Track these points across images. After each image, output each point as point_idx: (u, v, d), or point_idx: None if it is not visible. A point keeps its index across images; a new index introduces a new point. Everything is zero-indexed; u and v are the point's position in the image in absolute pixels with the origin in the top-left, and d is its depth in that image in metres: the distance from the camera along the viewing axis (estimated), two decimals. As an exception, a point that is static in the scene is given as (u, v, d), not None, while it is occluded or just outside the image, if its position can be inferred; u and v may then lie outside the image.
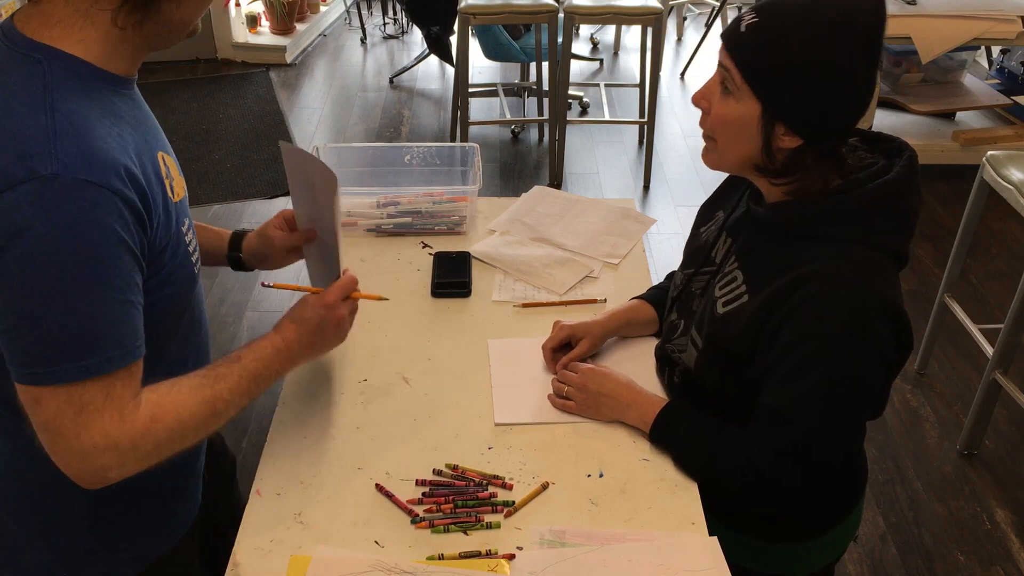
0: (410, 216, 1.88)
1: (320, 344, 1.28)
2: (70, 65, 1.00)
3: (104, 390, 1.00)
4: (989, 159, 2.53)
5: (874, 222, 1.18)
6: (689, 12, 6.46)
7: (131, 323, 1.02)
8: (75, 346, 0.97)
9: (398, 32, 6.00)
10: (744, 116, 1.17)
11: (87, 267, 0.95)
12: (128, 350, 1.01)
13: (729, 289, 1.28)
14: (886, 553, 2.33)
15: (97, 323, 0.98)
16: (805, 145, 1.17)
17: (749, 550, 1.41)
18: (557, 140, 4.10)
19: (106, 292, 0.97)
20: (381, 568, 1.15)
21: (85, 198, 0.94)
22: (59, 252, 0.94)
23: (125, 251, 0.99)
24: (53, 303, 0.95)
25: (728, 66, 1.17)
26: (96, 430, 1.00)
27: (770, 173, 1.22)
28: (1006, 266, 3.52)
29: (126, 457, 1.03)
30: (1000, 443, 2.70)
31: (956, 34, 3.57)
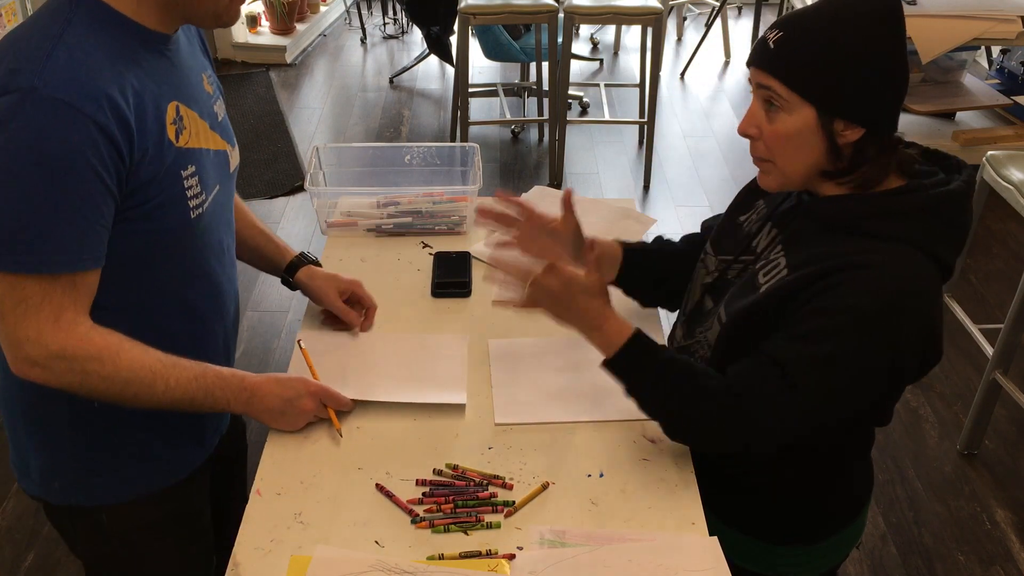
0: (410, 216, 1.88)
1: (278, 414, 1.33)
2: (97, 11, 1.11)
3: (43, 291, 1.09)
4: (989, 159, 2.53)
5: (929, 227, 1.19)
6: (689, 12, 6.46)
7: (82, 237, 1.09)
8: (16, 241, 1.06)
9: (398, 32, 6.01)
10: (802, 126, 1.18)
11: (42, 176, 1.04)
12: (71, 260, 1.09)
13: (772, 275, 1.27)
14: (886, 553, 2.33)
15: (41, 227, 1.06)
16: (868, 133, 1.18)
17: (752, 552, 1.41)
18: (557, 140, 4.10)
19: (57, 202, 1.06)
20: (381, 568, 1.15)
21: (57, 115, 1.03)
22: (17, 159, 1.03)
23: (89, 171, 1.07)
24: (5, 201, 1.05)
25: (769, 84, 1.18)
26: (31, 325, 1.10)
27: (838, 173, 1.22)
28: (1006, 266, 3.52)
29: (51, 362, 1.12)
30: (1000, 443, 2.70)
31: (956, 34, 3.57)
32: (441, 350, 1.54)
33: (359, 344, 1.56)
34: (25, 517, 2.40)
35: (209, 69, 1.37)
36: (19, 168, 1.04)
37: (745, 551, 1.39)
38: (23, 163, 1.04)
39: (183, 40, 1.27)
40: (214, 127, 1.30)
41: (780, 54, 1.17)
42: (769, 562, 1.42)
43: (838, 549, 1.46)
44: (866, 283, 1.15)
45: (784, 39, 1.17)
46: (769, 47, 1.18)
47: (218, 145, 1.31)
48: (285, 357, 2.92)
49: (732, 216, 1.44)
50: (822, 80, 1.16)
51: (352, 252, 1.80)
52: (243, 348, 2.99)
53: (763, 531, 1.40)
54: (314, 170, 1.93)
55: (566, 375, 1.50)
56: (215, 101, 1.34)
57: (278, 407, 1.32)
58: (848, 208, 1.22)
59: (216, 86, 1.37)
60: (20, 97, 1.02)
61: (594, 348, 1.39)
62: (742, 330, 1.26)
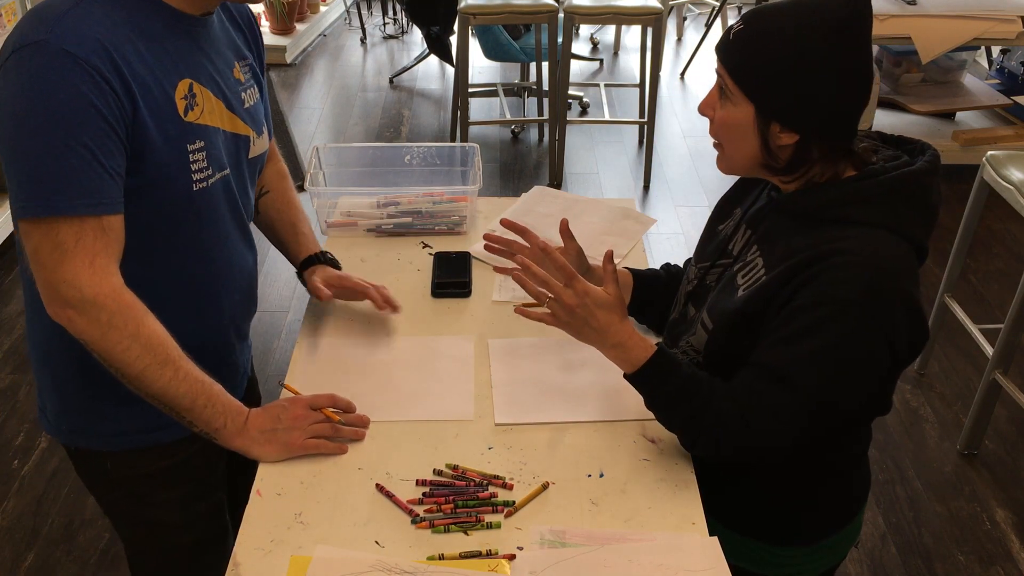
0: (410, 216, 1.88)
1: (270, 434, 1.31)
2: None
3: (75, 234, 1.15)
4: (989, 159, 2.53)
5: (894, 208, 1.20)
6: (689, 12, 6.47)
7: (100, 180, 1.15)
8: (42, 187, 1.13)
9: (398, 32, 6.01)
10: (741, 119, 1.21)
11: (56, 122, 1.12)
12: (95, 203, 1.15)
13: (751, 276, 1.28)
14: (886, 553, 2.33)
15: (63, 171, 1.13)
16: (803, 140, 1.19)
17: (751, 553, 1.41)
18: (557, 140, 4.11)
19: (71, 144, 1.12)
20: (381, 568, 1.15)
21: (64, 64, 1.11)
22: (33, 108, 1.11)
23: (96, 116, 1.13)
24: (27, 150, 1.13)
25: (722, 73, 1.22)
26: (67, 268, 1.16)
27: (777, 171, 1.24)
28: (1006, 266, 3.52)
29: (84, 306, 1.17)
30: (1000, 443, 2.70)
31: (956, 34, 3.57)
32: (446, 358, 1.53)
33: (361, 352, 1.55)
34: (25, 517, 2.40)
35: (250, 58, 1.42)
36: (34, 116, 1.11)
37: (744, 552, 1.39)
38: (38, 111, 1.11)
39: (216, 27, 1.33)
40: (236, 111, 1.35)
41: (735, 47, 1.20)
42: (768, 563, 1.42)
43: (837, 549, 1.46)
44: (842, 270, 1.16)
45: (742, 33, 1.19)
46: (729, 38, 1.21)
47: (237, 128, 1.35)
48: (285, 357, 2.92)
49: (712, 225, 1.47)
50: (763, 83, 1.18)
51: (352, 252, 1.80)
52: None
53: (761, 532, 1.40)
54: (314, 170, 1.93)
55: (566, 375, 1.50)
56: (246, 89, 1.38)
57: (269, 425, 1.31)
58: (813, 199, 1.23)
59: (253, 75, 1.42)
60: (32, 50, 1.11)
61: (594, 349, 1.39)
62: (729, 334, 1.27)
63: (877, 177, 1.20)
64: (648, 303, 1.57)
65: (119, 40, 1.16)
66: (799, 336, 1.17)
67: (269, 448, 1.30)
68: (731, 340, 1.27)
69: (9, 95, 1.13)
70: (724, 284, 1.33)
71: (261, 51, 1.48)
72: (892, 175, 1.20)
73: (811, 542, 1.42)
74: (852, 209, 1.20)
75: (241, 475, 1.46)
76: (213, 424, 1.28)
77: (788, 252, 1.23)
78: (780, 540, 1.41)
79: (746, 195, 1.44)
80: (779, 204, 1.28)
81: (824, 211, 1.22)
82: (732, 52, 1.20)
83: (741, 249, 1.34)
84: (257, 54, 1.46)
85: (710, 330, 1.30)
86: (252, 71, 1.42)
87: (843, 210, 1.21)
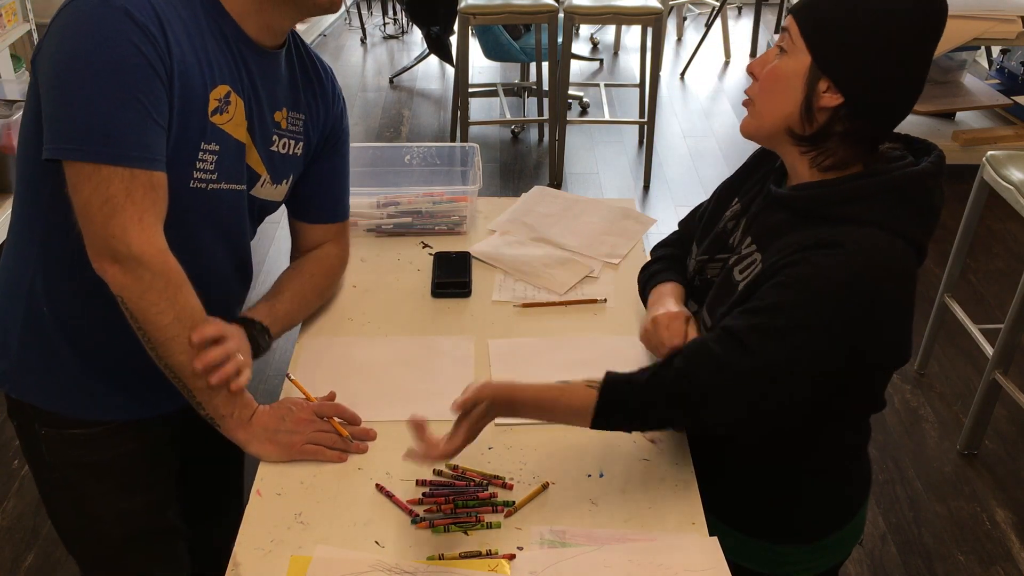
0: (410, 216, 1.88)
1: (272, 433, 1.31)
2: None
3: (126, 188, 1.15)
4: (989, 159, 2.53)
5: (897, 209, 1.19)
6: (689, 12, 6.47)
7: (154, 135, 1.17)
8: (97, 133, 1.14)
9: (398, 32, 6.01)
10: (793, 69, 1.20)
11: (113, 71, 1.13)
12: (146, 157, 1.16)
13: (748, 273, 1.27)
14: (886, 553, 2.33)
15: (119, 121, 1.14)
16: (844, 105, 1.18)
17: (754, 552, 1.41)
18: (557, 140, 4.11)
19: (128, 97, 1.14)
20: (381, 568, 1.15)
21: (125, 21, 1.13)
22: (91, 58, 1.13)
23: (153, 75, 1.16)
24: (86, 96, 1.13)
25: (789, 25, 1.22)
26: (117, 222, 1.16)
27: (803, 140, 1.23)
28: (1006, 266, 3.52)
29: (129, 263, 1.17)
30: (1000, 443, 2.70)
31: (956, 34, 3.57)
32: (446, 358, 1.53)
33: (361, 351, 1.55)
34: (25, 517, 2.40)
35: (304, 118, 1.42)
36: (94, 64, 1.13)
37: (746, 550, 1.39)
38: (99, 60, 1.13)
39: (283, 69, 1.37)
40: (256, 143, 1.35)
41: (813, 3, 1.20)
42: (770, 561, 1.42)
43: (839, 546, 1.46)
44: (827, 260, 1.15)
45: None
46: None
47: (251, 160, 1.35)
48: (284, 357, 2.91)
49: (714, 215, 1.45)
50: (828, 35, 1.17)
51: (352, 252, 1.80)
52: (243, 348, 2.99)
53: (762, 530, 1.40)
54: (314, 170, 1.93)
55: (566, 375, 1.49)
56: (282, 136, 1.39)
57: (273, 425, 1.31)
58: (814, 195, 1.23)
59: (301, 133, 1.42)
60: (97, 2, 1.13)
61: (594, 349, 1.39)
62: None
63: (878, 176, 1.20)
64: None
65: (175, 23, 1.19)
66: (767, 309, 1.17)
67: (270, 447, 1.30)
68: None
69: (68, 41, 1.14)
70: (723, 280, 1.33)
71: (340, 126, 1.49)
72: (895, 175, 1.20)
73: (812, 540, 1.42)
74: (849, 207, 1.19)
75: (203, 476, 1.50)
76: (220, 411, 1.28)
77: (785, 248, 1.22)
78: (781, 538, 1.41)
79: (747, 184, 1.43)
80: (776, 199, 1.28)
81: (821, 208, 1.21)
82: (809, 5, 1.20)
83: (739, 243, 1.34)
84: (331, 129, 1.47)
85: (709, 328, 1.30)
86: (303, 130, 1.42)
87: (840, 208, 1.20)
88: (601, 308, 1.66)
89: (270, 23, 1.30)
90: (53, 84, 1.15)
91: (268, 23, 1.29)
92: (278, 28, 1.32)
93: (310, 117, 1.44)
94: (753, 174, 1.42)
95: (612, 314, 1.65)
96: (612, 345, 1.56)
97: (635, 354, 1.54)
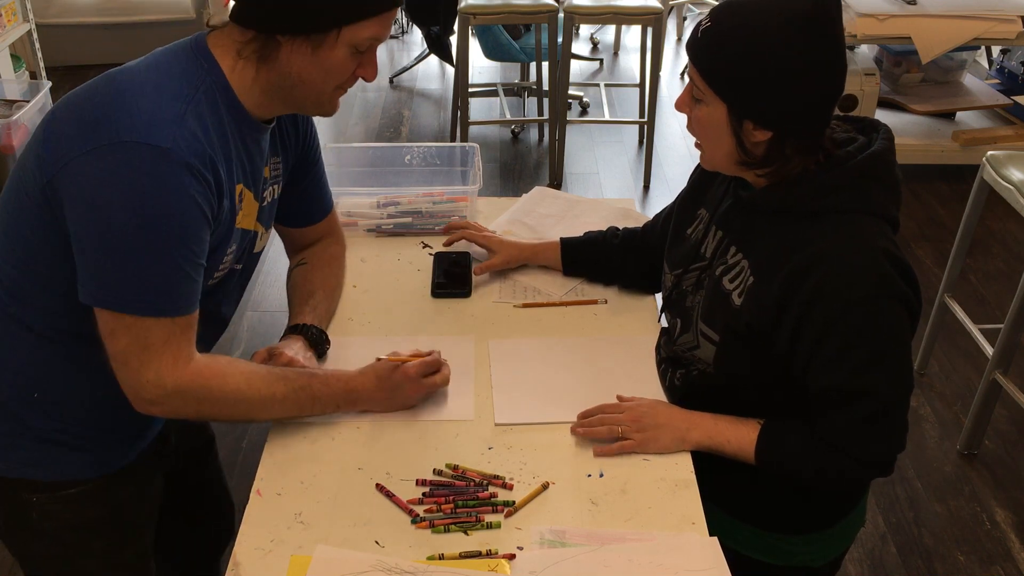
0: (410, 216, 1.88)
1: (387, 403, 1.39)
2: (219, 85, 1.21)
3: (166, 334, 1.17)
4: (989, 159, 2.53)
5: (867, 191, 1.22)
6: (689, 12, 6.47)
7: (198, 282, 1.20)
8: (147, 287, 1.15)
9: (398, 32, 6.00)
10: (714, 118, 1.22)
11: (173, 231, 1.14)
12: (190, 304, 1.19)
13: (740, 280, 1.29)
14: (886, 553, 2.33)
15: (171, 277, 1.16)
16: (777, 137, 1.20)
17: (758, 541, 1.42)
18: (557, 140, 4.10)
19: (184, 254, 1.16)
20: (381, 568, 1.15)
21: (185, 177, 1.13)
22: (150, 212, 1.11)
23: (206, 225, 1.18)
24: (140, 252, 1.13)
25: (692, 74, 1.22)
26: (151, 368, 1.18)
27: (753, 166, 1.25)
28: (1006, 266, 3.52)
29: (169, 399, 1.20)
30: (1000, 443, 2.70)
31: (956, 34, 3.57)
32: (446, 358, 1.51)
33: (361, 352, 1.54)
34: None
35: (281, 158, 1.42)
36: (150, 228, 1.12)
37: (751, 541, 1.41)
38: (155, 223, 1.12)
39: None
40: (260, 210, 1.37)
41: (703, 45, 1.19)
42: (776, 552, 1.43)
43: (842, 536, 1.47)
44: (842, 273, 1.18)
45: (711, 31, 1.18)
46: (697, 35, 1.20)
47: (255, 227, 1.37)
48: (285, 357, 2.92)
49: (678, 231, 1.48)
50: (732, 81, 1.17)
51: (352, 252, 1.80)
52: (243, 348, 2.99)
53: (767, 521, 1.42)
54: (314, 170, 1.93)
55: (566, 375, 1.49)
56: (268, 186, 1.39)
57: (383, 398, 1.38)
58: (786, 196, 1.24)
59: (281, 173, 1.43)
60: (152, 154, 1.11)
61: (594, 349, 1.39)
62: (738, 343, 1.29)
63: (844, 164, 1.22)
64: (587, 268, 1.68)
65: (215, 149, 1.19)
66: (845, 353, 1.20)
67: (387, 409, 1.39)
68: (742, 348, 1.29)
69: (125, 194, 1.11)
70: (711, 291, 1.34)
71: (311, 142, 1.49)
72: (858, 160, 1.22)
73: (815, 529, 1.43)
74: (826, 200, 1.22)
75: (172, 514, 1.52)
76: (326, 411, 1.36)
77: (772, 253, 1.25)
78: (784, 528, 1.42)
79: (704, 194, 1.44)
80: (750, 203, 1.29)
81: (798, 206, 1.23)
82: (701, 50, 1.19)
83: (715, 251, 1.35)
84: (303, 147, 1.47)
85: (718, 343, 1.32)
86: (282, 170, 1.43)
87: (817, 202, 1.22)
88: (601, 308, 1.66)
89: (275, 111, 1.31)
90: (102, 234, 1.12)
91: (273, 111, 1.31)
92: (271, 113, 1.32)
93: (285, 154, 1.43)
94: (711, 183, 1.44)
95: (612, 314, 1.65)
96: (612, 345, 1.56)
97: (635, 355, 1.54)
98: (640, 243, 1.65)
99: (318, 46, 1.19)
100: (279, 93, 1.25)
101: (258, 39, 1.20)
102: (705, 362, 1.35)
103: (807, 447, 1.27)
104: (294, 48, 1.19)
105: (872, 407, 1.23)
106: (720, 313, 1.31)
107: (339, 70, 1.23)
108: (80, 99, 1.18)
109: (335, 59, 1.21)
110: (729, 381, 1.34)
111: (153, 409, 1.21)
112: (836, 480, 1.31)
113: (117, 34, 5.10)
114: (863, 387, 1.22)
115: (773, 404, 1.32)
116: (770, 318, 1.24)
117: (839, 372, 1.22)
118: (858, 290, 1.18)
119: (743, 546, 1.40)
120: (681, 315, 1.40)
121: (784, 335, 1.24)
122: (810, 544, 1.44)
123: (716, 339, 1.32)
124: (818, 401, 1.25)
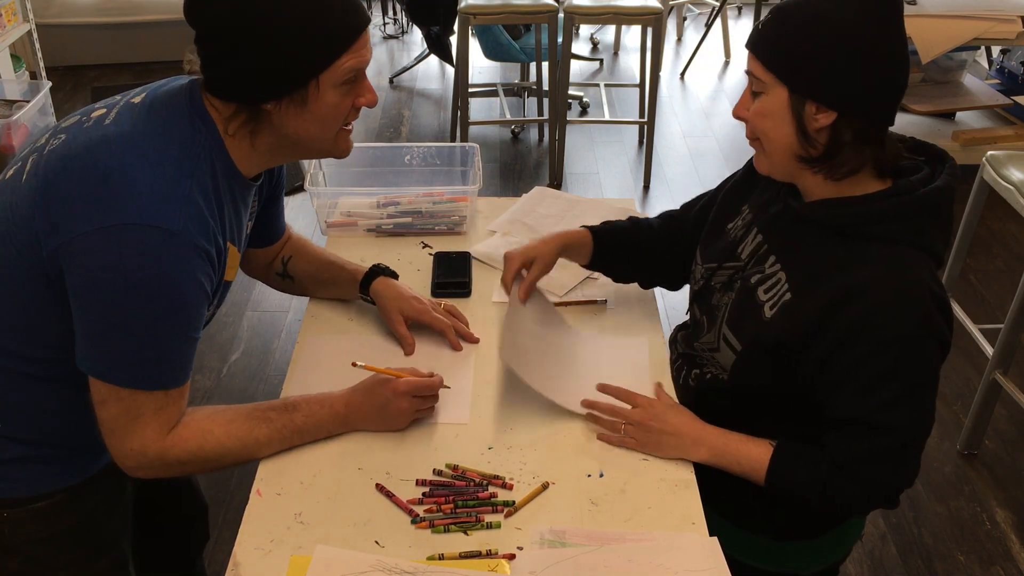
0: (410, 216, 1.88)
1: (378, 421, 1.36)
2: (216, 146, 1.20)
3: (157, 406, 1.18)
4: (989, 159, 2.53)
5: (922, 226, 1.21)
6: (689, 12, 6.46)
7: (192, 354, 1.21)
8: (146, 362, 1.16)
9: (398, 32, 6.00)
10: (775, 105, 1.20)
11: (177, 311, 1.15)
12: (185, 375, 1.21)
13: (774, 292, 1.28)
14: (886, 553, 2.33)
15: (170, 353, 1.17)
16: (840, 119, 1.18)
17: (756, 549, 1.41)
18: (557, 140, 4.10)
19: (185, 333, 1.17)
20: (381, 568, 1.15)
21: (195, 256, 1.14)
22: (157, 294, 1.12)
23: (206, 301, 1.20)
24: (142, 330, 1.13)
25: (752, 68, 1.21)
26: (137, 438, 1.19)
27: (814, 161, 1.22)
28: (1006, 266, 3.52)
29: (152, 465, 1.21)
30: (1000, 443, 2.70)
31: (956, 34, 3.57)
32: (446, 358, 1.52)
33: (362, 352, 1.54)
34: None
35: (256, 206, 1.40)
36: (157, 303, 1.13)
37: (748, 547, 1.40)
38: (162, 299, 1.13)
39: None
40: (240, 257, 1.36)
41: (764, 35, 1.20)
42: (772, 558, 1.43)
43: (840, 543, 1.46)
44: (888, 307, 1.17)
45: (771, 21, 1.19)
46: (759, 29, 1.21)
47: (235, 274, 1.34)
48: (285, 357, 2.92)
49: (718, 222, 1.45)
50: (794, 61, 1.17)
51: (352, 252, 1.80)
52: (243, 348, 2.99)
53: (763, 527, 1.41)
54: (314, 170, 1.93)
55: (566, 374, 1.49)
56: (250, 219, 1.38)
57: (375, 415, 1.35)
58: (840, 213, 1.23)
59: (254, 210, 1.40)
60: (168, 238, 1.11)
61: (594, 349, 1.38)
62: (761, 356, 1.29)
63: (907, 195, 1.21)
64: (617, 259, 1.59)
65: (215, 219, 1.19)
66: (879, 382, 1.20)
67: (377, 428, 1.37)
68: (764, 361, 1.29)
69: (132, 278, 1.10)
70: (742, 297, 1.32)
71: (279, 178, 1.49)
72: (920, 193, 1.21)
73: (812, 536, 1.42)
74: (881, 227, 1.21)
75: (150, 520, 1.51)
76: (319, 437, 1.34)
77: (814, 274, 1.23)
78: (782, 534, 1.42)
79: (751, 191, 1.42)
80: (799, 215, 1.27)
81: (855, 226, 1.22)
82: (762, 41, 1.20)
83: (752, 255, 1.34)
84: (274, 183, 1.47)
85: (739, 351, 1.31)
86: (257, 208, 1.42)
87: (871, 228, 1.21)
88: (601, 309, 1.66)
89: (270, 164, 1.30)
90: (106, 313, 1.12)
91: (268, 165, 1.30)
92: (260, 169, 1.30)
93: (259, 194, 1.41)
94: (759, 180, 1.41)
95: (612, 315, 1.65)
96: (612, 345, 1.56)
97: (635, 356, 1.54)
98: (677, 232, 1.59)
99: (304, 101, 1.18)
100: (283, 151, 1.26)
101: (243, 111, 1.18)
102: (722, 368, 1.35)
103: (818, 475, 1.26)
104: (283, 110, 1.18)
105: (892, 443, 1.23)
106: (748, 322, 1.30)
107: (335, 113, 1.21)
108: (81, 168, 1.13)
109: (327, 105, 1.19)
110: (742, 391, 1.34)
111: (139, 473, 1.22)
112: (841, 507, 1.31)
113: (117, 34, 5.10)
114: (887, 422, 1.21)
115: (782, 417, 1.32)
116: (802, 338, 1.23)
117: (866, 404, 1.21)
118: (901, 328, 1.18)
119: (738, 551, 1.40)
120: (707, 313, 1.40)
121: (814, 357, 1.23)
122: (806, 550, 1.44)
123: (738, 347, 1.31)
124: (837, 427, 1.25)
